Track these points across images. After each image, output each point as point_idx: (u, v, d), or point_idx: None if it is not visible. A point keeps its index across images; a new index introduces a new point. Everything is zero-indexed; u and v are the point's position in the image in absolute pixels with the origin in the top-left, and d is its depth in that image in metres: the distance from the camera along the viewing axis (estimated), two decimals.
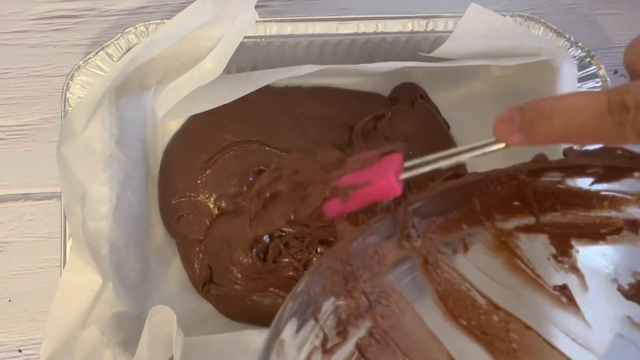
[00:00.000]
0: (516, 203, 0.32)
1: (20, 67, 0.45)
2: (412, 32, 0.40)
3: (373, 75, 0.43)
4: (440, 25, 0.40)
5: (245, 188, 0.41)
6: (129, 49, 0.39)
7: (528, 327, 0.34)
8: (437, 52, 0.38)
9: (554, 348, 0.34)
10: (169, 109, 0.38)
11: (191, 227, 0.41)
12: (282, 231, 0.40)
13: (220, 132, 0.42)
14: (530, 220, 0.33)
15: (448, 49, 0.38)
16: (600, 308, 0.34)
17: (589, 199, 0.32)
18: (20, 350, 0.42)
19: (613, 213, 0.32)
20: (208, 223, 0.41)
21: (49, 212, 0.44)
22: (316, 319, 0.28)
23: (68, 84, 0.39)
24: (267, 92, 0.41)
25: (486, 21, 0.37)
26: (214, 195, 0.42)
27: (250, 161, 0.42)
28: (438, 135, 0.43)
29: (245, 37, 0.38)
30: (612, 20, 0.46)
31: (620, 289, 0.33)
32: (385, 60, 0.39)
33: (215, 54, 0.37)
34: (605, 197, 0.32)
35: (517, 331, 0.34)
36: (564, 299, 0.34)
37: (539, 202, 0.32)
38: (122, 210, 0.37)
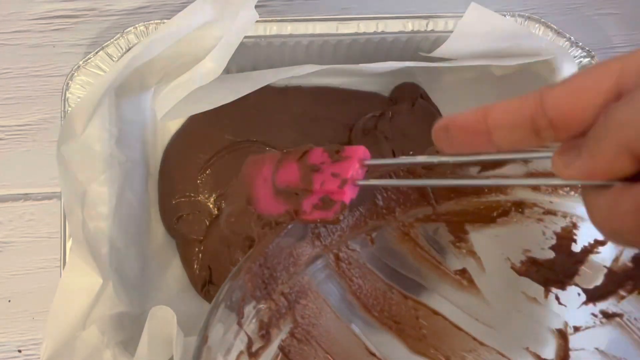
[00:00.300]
0: (414, 195, 0.34)
1: (20, 67, 0.45)
2: (412, 32, 0.40)
3: (373, 75, 0.43)
4: (440, 25, 0.40)
5: None
6: (129, 49, 0.39)
7: (435, 313, 0.36)
8: (437, 52, 0.38)
9: (460, 329, 0.36)
10: (169, 109, 0.37)
11: (191, 227, 0.41)
12: None
13: (220, 132, 0.42)
14: (428, 210, 0.35)
15: (448, 49, 0.38)
16: (498, 286, 0.36)
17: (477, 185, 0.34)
18: (20, 351, 0.42)
19: (501, 197, 0.34)
20: (208, 223, 0.41)
21: (49, 212, 0.44)
22: (240, 324, 0.29)
23: (68, 84, 0.39)
24: (267, 92, 0.41)
25: (486, 21, 0.37)
26: (213, 195, 0.41)
27: None
28: None
29: (245, 37, 0.38)
30: (612, 20, 0.46)
31: (513, 267, 0.35)
32: (386, 60, 0.39)
33: (215, 54, 0.37)
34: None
35: (426, 317, 0.36)
36: (465, 282, 0.36)
37: (434, 193, 0.34)
38: (122, 210, 0.37)
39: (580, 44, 0.40)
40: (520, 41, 0.38)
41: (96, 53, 0.39)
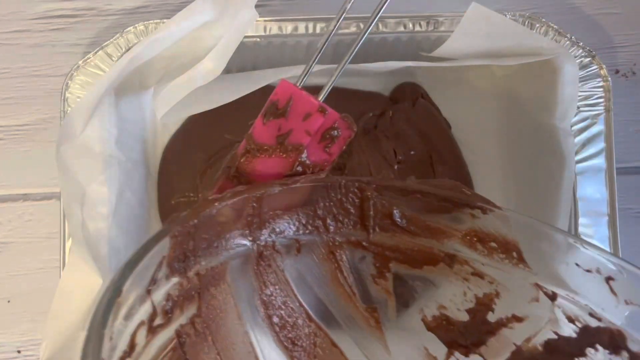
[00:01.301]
0: (354, 215, 0.33)
1: (20, 66, 0.45)
2: (413, 31, 0.40)
3: (374, 75, 0.43)
4: (441, 24, 0.40)
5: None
6: (129, 48, 0.39)
7: (334, 345, 0.34)
8: (438, 52, 0.38)
9: None
10: (169, 109, 0.37)
11: None
12: None
13: (220, 131, 0.42)
14: (362, 235, 0.34)
15: (449, 49, 0.38)
16: (402, 336, 0.35)
17: (418, 226, 0.33)
18: (19, 352, 0.42)
19: (435, 244, 0.33)
20: None
21: (48, 213, 0.43)
22: (148, 292, 0.27)
23: (67, 83, 0.39)
24: (267, 92, 0.41)
25: (487, 21, 0.37)
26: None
27: None
28: (439, 134, 0.43)
29: (245, 37, 0.38)
30: (613, 20, 0.46)
31: (424, 320, 0.34)
32: (386, 59, 0.39)
33: (215, 54, 0.36)
34: (431, 228, 0.33)
35: (324, 347, 0.34)
36: (372, 322, 0.34)
37: (375, 220, 0.34)
38: (121, 210, 0.37)
39: (581, 43, 0.40)
40: (521, 41, 0.38)
41: (96, 53, 0.39)
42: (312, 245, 0.34)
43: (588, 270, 0.30)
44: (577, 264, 0.30)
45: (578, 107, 0.39)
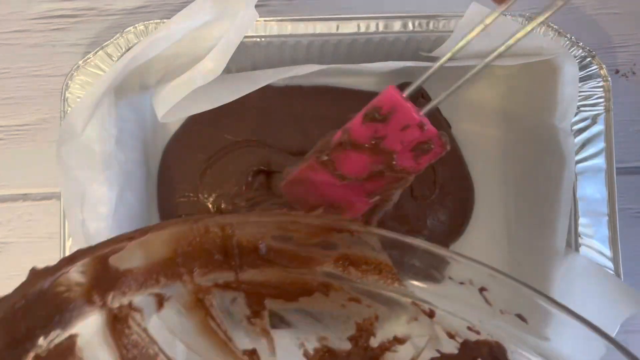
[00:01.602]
0: (218, 256, 0.31)
1: (20, 66, 0.45)
2: (413, 31, 0.40)
3: (374, 75, 0.43)
4: (441, 24, 0.40)
5: (244, 188, 0.41)
6: (129, 48, 0.39)
7: None
8: (438, 52, 0.38)
9: None
10: (169, 109, 0.37)
11: None
12: None
13: (220, 131, 0.42)
14: (229, 276, 0.32)
15: (449, 49, 0.37)
16: None
17: (287, 257, 0.31)
18: None
19: (307, 273, 0.31)
20: None
21: (48, 213, 0.43)
22: None
23: (67, 83, 0.39)
24: (267, 92, 0.41)
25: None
26: (213, 195, 0.41)
27: (250, 161, 0.41)
28: None
29: (245, 37, 0.38)
30: (613, 20, 0.46)
31: (305, 354, 0.33)
32: (386, 59, 0.39)
33: (215, 54, 0.36)
34: (301, 257, 0.31)
35: None
36: None
37: (240, 257, 0.31)
38: (121, 210, 0.37)
39: (581, 43, 0.40)
40: (521, 41, 0.37)
41: (96, 53, 0.39)
42: (176, 295, 0.31)
43: (462, 283, 0.29)
44: (450, 277, 0.29)
45: (578, 107, 0.39)
